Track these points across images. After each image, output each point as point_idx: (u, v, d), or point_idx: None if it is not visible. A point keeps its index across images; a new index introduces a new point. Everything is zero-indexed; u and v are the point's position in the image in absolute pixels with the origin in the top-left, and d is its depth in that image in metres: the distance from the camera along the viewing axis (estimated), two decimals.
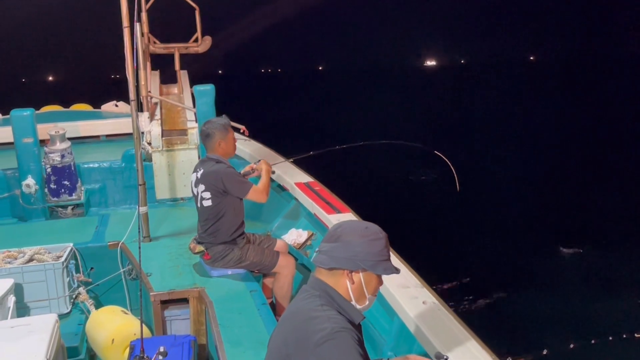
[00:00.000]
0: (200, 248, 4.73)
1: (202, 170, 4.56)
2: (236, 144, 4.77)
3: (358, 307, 2.32)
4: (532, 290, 8.71)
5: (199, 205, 4.59)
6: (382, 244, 2.30)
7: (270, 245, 4.79)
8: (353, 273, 2.28)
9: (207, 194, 4.50)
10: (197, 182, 4.57)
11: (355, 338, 2.16)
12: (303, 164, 5.78)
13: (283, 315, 2.38)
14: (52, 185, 6.12)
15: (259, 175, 4.94)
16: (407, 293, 3.58)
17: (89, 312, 4.73)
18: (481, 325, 3.68)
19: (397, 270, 2.34)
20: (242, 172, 4.83)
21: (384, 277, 2.41)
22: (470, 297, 7.98)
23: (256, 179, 4.82)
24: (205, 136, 4.60)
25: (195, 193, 4.60)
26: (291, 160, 5.76)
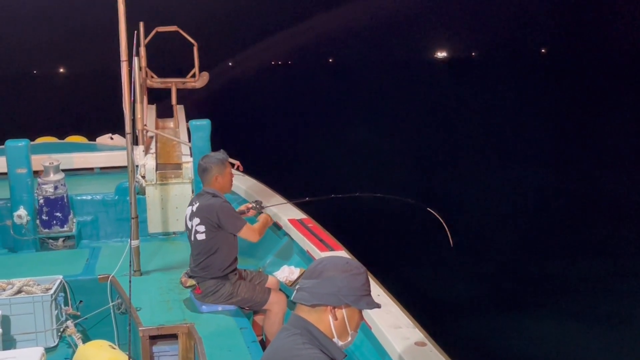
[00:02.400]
0: (192, 282, 4.69)
1: (197, 204, 4.56)
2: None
3: (340, 343, 2.30)
4: (525, 323, 8.67)
5: (192, 238, 4.58)
6: (363, 279, 2.29)
7: (261, 282, 4.77)
8: (336, 309, 2.26)
9: (202, 228, 4.49)
10: (192, 216, 4.56)
11: None
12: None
13: (265, 354, 2.36)
14: (44, 217, 6.09)
15: (254, 215, 4.96)
16: (399, 333, 3.56)
17: (76, 346, 4.66)
18: None
19: (378, 305, 2.33)
20: (237, 210, 4.84)
21: (377, 317, 2.40)
22: (462, 334, 7.94)
23: (252, 219, 4.83)
24: (202, 170, 4.62)
25: (190, 226, 4.59)
26: (286, 203, 5.80)
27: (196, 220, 4.52)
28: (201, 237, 4.50)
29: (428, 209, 4.41)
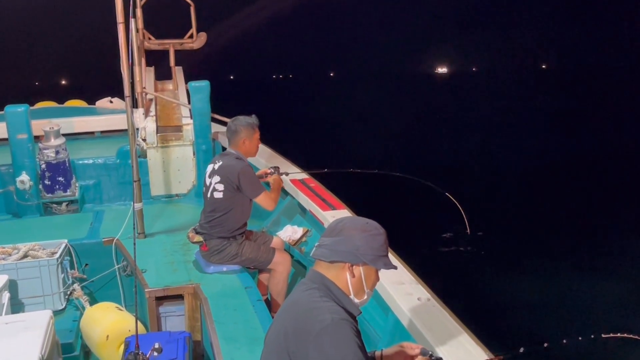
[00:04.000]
0: (199, 238, 4.70)
1: (220, 163, 4.58)
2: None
3: (356, 301, 2.34)
4: (529, 284, 8.75)
5: (208, 195, 4.60)
6: (382, 239, 2.33)
7: (266, 242, 4.80)
8: (354, 266, 2.31)
9: (221, 186, 4.51)
10: (213, 173, 4.58)
11: (354, 330, 2.18)
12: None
13: (281, 307, 2.40)
14: (46, 182, 6.10)
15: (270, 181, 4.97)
16: (402, 289, 3.59)
17: (83, 308, 4.72)
18: (475, 320, 3.69)
19: (394, 267, 2.37)
20: (256, 173, 4.85)
21: (380, 274, 2.42)
22: (465, 293, 8.01)
23: (267, 184, 4.84)
24: (231, 132, 4.61)
25: (208, 184, 4.61)
26: (307, 173, 5.76)
27: (216, 178, 4.54)
28: (218, 195, 4.52)
29: (447, 194, 4.36)
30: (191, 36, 7.72)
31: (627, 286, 8.58)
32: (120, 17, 4.87)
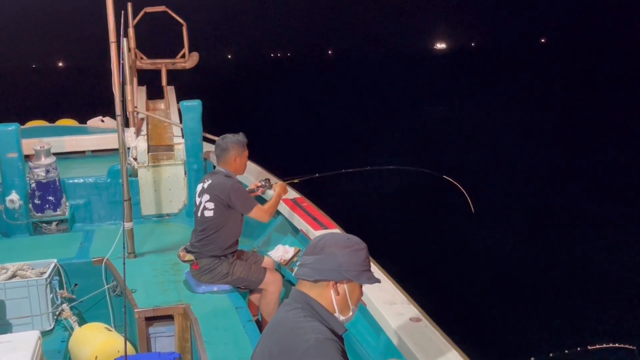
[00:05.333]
0: (190, 257, 4.68)
1: (210, 181, 4.58)
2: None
3: (342, 318, 2.34)
4: (520, 302, 8.73)
5: (199, 214, 4.59)
6: (364, 254, 2.33)
7: (257, 262, 4.78)
8: (338, 284, 2.30)
9: (211, 204, 4.50)
10: (202, 192, 4.57)
11: (340, 349, 2.17)
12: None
13: (266, 328, 2.38)
14: (36, 201, 6.07)
15: (262, 194, 4.95)
16: (394, 309, 3.57)
17: (72, 329, 4.67)
18: (468, 340, 3.67)
19: (378, 280, 2.37)
20: (247, 189, 4.84)
21: (372, 293, 2.42)
22: (457, 312, 7.98)
23: (259, 198, 4.84)
24: (221, 149, 4.62)
25: (198, 203, 4.61)
26: (297, 181, 5.76)
27: (206, 197, 4.53)
28: (209, 213, 4.52)
29: (444, 176, 4.34)
30: (183, 56, 7.75)
31: (623, 293, 8.57)
32: (112, 36, 4.88)
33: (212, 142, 6.76)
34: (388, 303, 3.64)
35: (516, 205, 12.76)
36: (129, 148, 6.30)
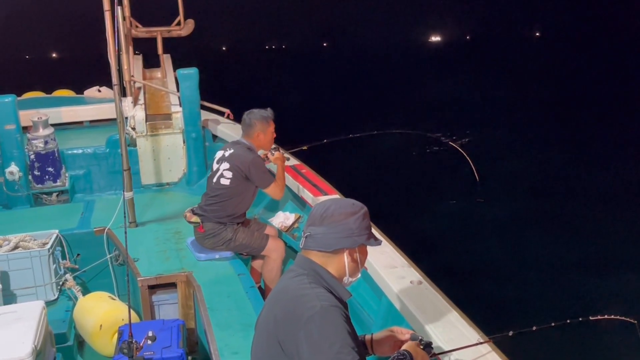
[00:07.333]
0: (196, 219, 4.69)
1: (232, 151, 4.60)
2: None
3: (351, 279, 2.37)
4: (523, 268, 8.76)
5: (214, 180, 4.60)
6: (368, 216, 2.37)
7: (260, 229, 4.81)
8: (352, 250, 2.33)
9: (229, 174, 4.53)
10: (222, 160, 4.59)
11: (344, 315, 2.18)
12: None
13: (270, 294, 2.40)
14: (36, 172, 6.06)
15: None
16: (395, 273, 3.60)
17: (76, 298, 4.71)
18: (469, 302, 3.70)
19: (380, 241, 2.43)
20: None
21: (373, 257, 2.44)
22: (458, 275, 8.02)
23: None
24: (246, 125, 4.65)
25: (215, 169, 4.62)
26: (306, 147, 5.73)
27: (225, 165, 4.55)
28: (225, 181, 4.54)
29: (450, 142, 4.31)
30: (179, 23, 7.66)
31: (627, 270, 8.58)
32: (106, 4, 4.83)
33: (210, 110, 6.75)
34: (389, 267, 3.67)
35: (521, 176, 12.70)
36: (126, 118, 6.27)
